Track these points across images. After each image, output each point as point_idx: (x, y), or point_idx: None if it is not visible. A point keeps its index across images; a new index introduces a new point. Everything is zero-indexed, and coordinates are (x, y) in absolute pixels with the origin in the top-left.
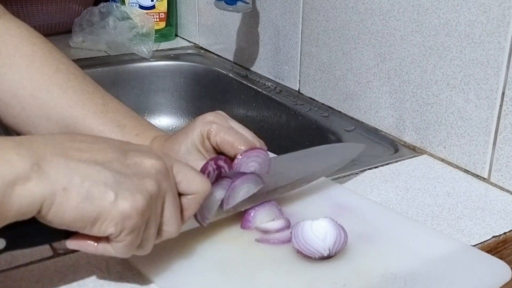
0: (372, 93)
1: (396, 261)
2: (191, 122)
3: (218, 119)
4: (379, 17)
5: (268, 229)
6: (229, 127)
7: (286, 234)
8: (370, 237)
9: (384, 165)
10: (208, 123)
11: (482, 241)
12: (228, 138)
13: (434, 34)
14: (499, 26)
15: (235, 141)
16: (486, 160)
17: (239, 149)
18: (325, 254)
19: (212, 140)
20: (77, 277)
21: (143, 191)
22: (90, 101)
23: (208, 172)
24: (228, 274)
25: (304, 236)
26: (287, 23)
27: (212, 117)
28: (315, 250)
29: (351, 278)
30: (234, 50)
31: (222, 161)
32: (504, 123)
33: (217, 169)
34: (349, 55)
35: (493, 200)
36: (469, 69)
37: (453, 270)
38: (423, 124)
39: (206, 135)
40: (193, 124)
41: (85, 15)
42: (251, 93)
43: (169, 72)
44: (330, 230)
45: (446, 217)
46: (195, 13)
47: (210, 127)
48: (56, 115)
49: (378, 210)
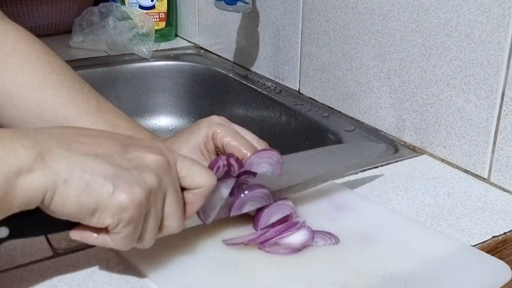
0: (372, 93)
1: (396, 261)
2: (195, 124)
3: (224, 122)
4: (379, 17)
5: (291, 244)
6: (235, 131)
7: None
8: (370, 237)
9: (384, 165)
10: (214, 125)
11: (482, 241)
12: (233, 142)
13: (434, 34)
14: (499, 26)
15: (241, 145)
16: (486, 160)
17: (244, 153)
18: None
19: (218, 142)
20: (77, 277)
21: (141, 184)
22: (84, 102)
23: (218, 167)
24: (228, 275)
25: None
26: (287, 23)
27: (219, 120)
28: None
29: (351, 278)
30: (234, 50)
31: (233, 160)
32: (504, 123)
33: (227, 165)
34: (349, 55)
35: (493, 200)
36: (469, 69)
37: (453, 271)
38: (423, 124)
39: (212, 136)
40: (198, 124)
41: (85, 15)
42: (251, 93)
43: (169, 72)
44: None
45: (446, 217)
46: (195, 13)
47: (217, 129)
48: (49, 115)
49: (378, 210)
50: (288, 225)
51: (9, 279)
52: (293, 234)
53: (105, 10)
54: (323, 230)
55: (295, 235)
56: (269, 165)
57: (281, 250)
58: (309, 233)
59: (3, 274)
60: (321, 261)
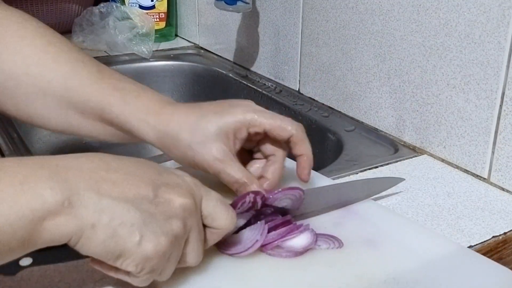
0: (372, 93)
1: (399, 267)
2: (226, 104)
3: (259, 107)
4: (379, 17)
5: (294, 247)
6: (273, 113)
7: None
8: (375, 241)
9: (384, 165)
10: (251, 112)
11: (482, 241)
12: (276, 122)
13: (434, 34)
14: (499, 26)
15: (283, 123)
16: (486, 160)
17: (289, 131)
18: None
19: (259, 127)
20: (77, 278)
21: (167, 233)
22: (85, 70)
23: (243, 202)
24: (230, 278)
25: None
26: (287, 23)
27: (255, 107)
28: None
29: (354, 282)
30: (234, 50)
31: (259, 197)
32: (504, 123)
33: (252, 202)
34: (349, 55)
35: (493, 200)
36: (469, 69)
37: (457, 277)
38: (423, 124)
39: (249, 124)
40: (233, 108)
41: (85, 15)
42: (251, 93)
43: (169, 72)
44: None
45: (446, 217)
46: (195, 13)
47: (254, 115)
48: (52, 89)
49: (383, 213)
50: (291, 228)
51: (9, 279)
52: (296, 237)
53: (105, 10)
54: (327, 234)
55: (298, 238)
56: (290, 201)
57: (284, 253)
58: (312, 236)
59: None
60: (323, 264)
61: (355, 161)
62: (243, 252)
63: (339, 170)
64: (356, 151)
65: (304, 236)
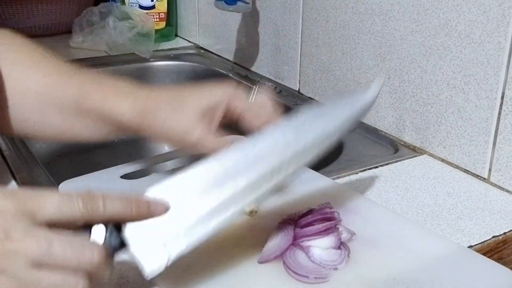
0: None
1: (400, 267)
2: (205, 86)
3: (239, 91)
4: (379, 17)
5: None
6: (252, 102)
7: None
8: (376, 241)
9: (384, 165)
10: (230, 94)
11: (482, 241)
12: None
13: (434, 34)
14: (499, 26)
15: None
16: (486, 160)
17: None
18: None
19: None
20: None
21: None
22: (64, 67)
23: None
24: (229, 278)
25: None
26: (287, 23)
27: (235, 90)
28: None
29: (353, 282)
30: (234, 50)
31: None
32: (504, 123)
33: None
34: (349, 55)
35: (493, 200)
36: (469, 69)
37: (457, 276)
38: (423, 124)
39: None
40: (212, 90)
41: (85, 15)
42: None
43: (169, 72)
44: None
45: (446, 217)
46: (195, 13)
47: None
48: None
49: (385, 214)
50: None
51: None
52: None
53: (105, 10)
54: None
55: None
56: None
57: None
58: (337, 241)
59: None
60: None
61: (355, 161)
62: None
63: (339, 170)
64: (356, 151)
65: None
